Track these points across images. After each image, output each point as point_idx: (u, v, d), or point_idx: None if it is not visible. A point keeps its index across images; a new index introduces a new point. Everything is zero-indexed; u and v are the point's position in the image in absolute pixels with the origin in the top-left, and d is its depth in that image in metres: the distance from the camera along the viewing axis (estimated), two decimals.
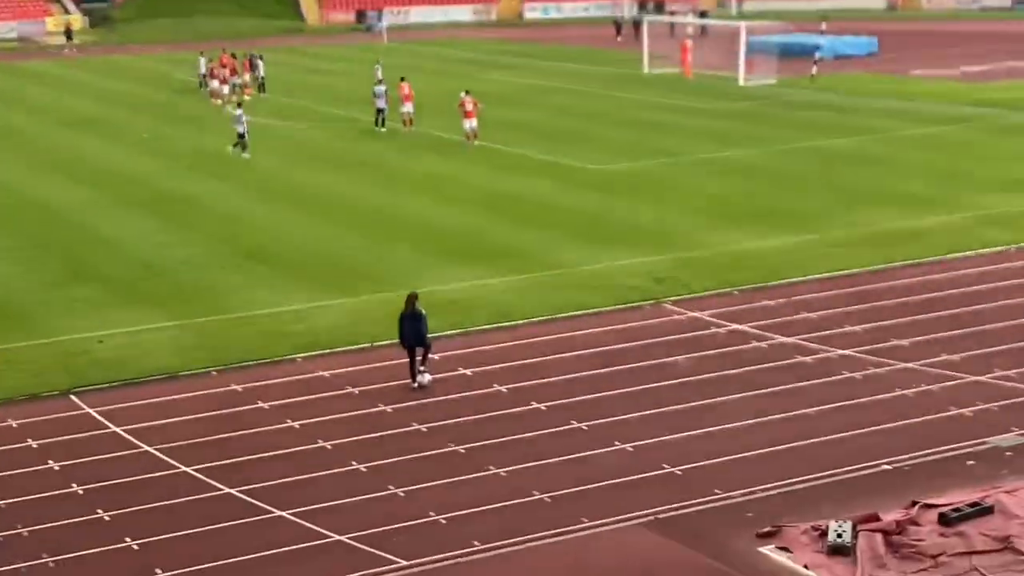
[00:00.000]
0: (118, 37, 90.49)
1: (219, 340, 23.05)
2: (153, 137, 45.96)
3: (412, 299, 20.63)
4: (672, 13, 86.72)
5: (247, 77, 57.60)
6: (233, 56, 58.59)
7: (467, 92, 43.48)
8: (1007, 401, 19.19)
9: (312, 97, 56.05)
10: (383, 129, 45.86)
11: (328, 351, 22.38)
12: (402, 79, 47.11)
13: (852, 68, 60.91)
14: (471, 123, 42.55)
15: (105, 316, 24.50)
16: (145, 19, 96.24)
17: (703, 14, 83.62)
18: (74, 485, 17.10)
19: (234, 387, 20.75)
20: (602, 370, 21.06)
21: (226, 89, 55.21)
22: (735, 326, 23.18)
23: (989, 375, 20.27)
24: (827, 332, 22.64)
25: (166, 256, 28.91)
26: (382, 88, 46.65)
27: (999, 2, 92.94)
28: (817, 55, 58.59)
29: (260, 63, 58.06)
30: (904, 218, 30.64)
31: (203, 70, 58.88)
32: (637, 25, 72.40)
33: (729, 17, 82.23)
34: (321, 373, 21.28)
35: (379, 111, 46.29)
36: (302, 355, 22.20)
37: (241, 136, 41.54)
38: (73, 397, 20.44)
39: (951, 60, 63.20)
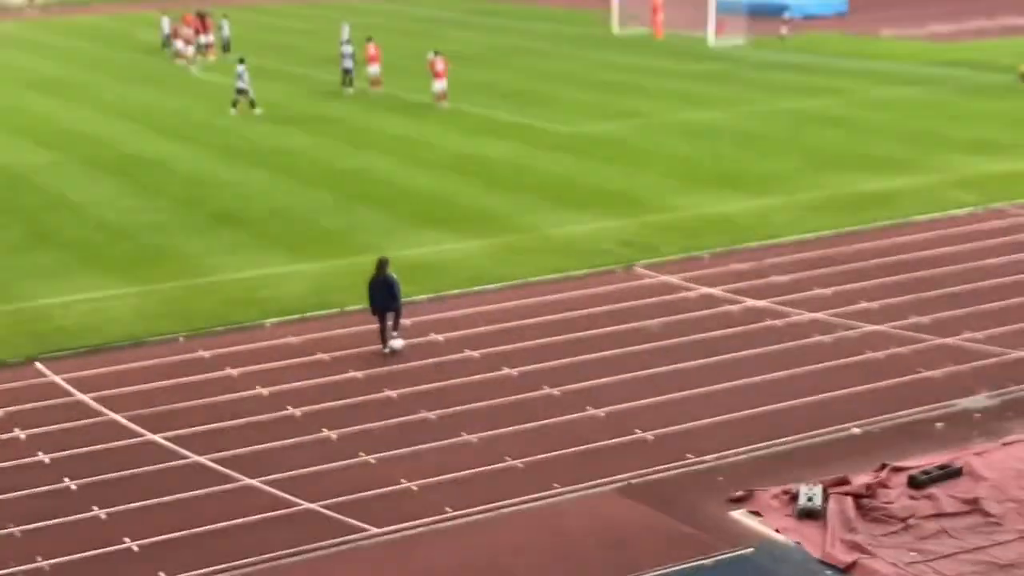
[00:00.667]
0: None
1: (186, 306, 22.86)
2: (118, 98, 45.40)
3: (382, 264, 20.51)
4: None
5: (211, 37, 56.94)
6: (199, 16, 57.86)
7: (436, 52, 43.09)
8: (976, 363, 19.30)
9: (278, 57, 55.50)
10: (351, 90, 45.49)
11: (297, 316, 22.24)
12: (368, 39, 46.67)
13: (821, 28, 60.84)
14: (441, 84, 42.20)
15: (70, 281, 24.26)
16: None
17: None
18: (40, 454, 16.94)
19: (201, 353, 20.58)
20: (574, 335, 21.03)
21: (190, 49, 54.59)
22: (706, 289, 23.18)
23: (958, 337, 20.37)
24: (797, 295, 22.68)
25: (132, 220, 28.62)
26: (349, 48, 46.23)
27: None
28: (786, 15, 58.50)
29: (225, 23, 57.41)
30: (873, 180, 30.70)
31: (167, 30, 58.20)
32: None
33: None
34: (290, 339, 21.14)
35: (346, 72, 45.89)
36: (271, 321, 22.05)
37: (242, 91, 41.26)
38: (38, 364, 20.22)
39: (920, 20, 63.26)
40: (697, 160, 33.60)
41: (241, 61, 42.23)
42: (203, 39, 56.29)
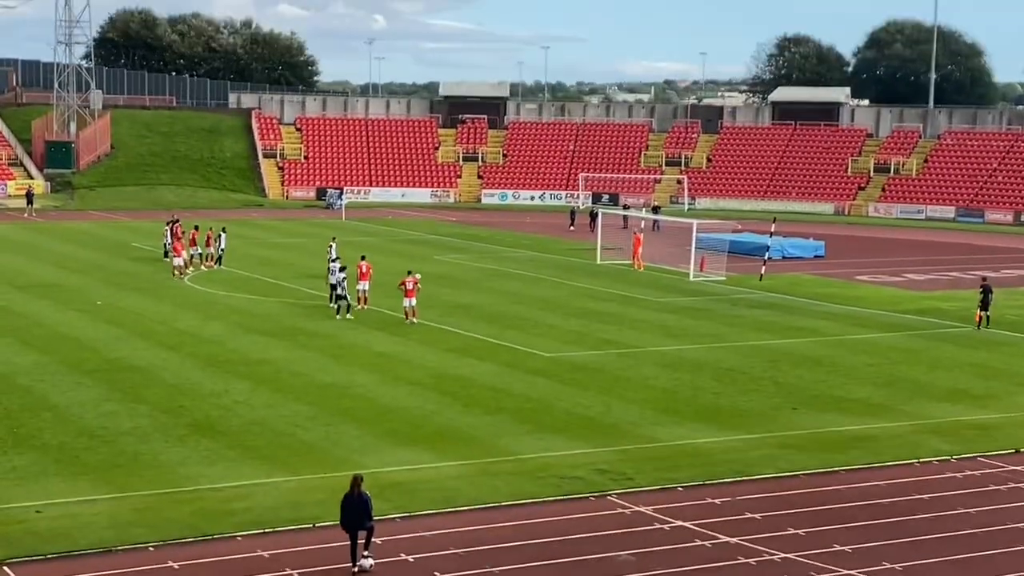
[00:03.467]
0: (79, 203, 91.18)
1: (159, 515, 22.77)
2: (108, 304, 45.98)
3: (357, 481, 20.64)
4: (626, 207, 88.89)
5: (211, 250, 58.13)
6: (195, 229, 59.36)
7: (410, 272, 44.36)
8: None
9: (268, 270, 56.48)
10: (337, 305, 46.17)
11: (269, 530, 22.16)
12: (362, 257, 47.77)
13: (799, 269, 62.39)
14: (410, 301, 43.37)
15: (44, 485, 24.20)
16: (107, 187, 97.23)
17: (656, 209, 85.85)
18: None
19: (171, 564, 20.42)
20: (544, 562, 20.95)
21: (182, 259, 55.57)
22: (679, 523, 23.21)
23: None
24: (770, 534, 22.70)
25: (111, 426, 28.67)
26: (337, 265, 47.23)
27: (942, 213, 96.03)
28: (766, 255, 60.05)
29: (223, 236, 58.73)
30: (848, 423, 31.00)
31: (169, 239, 59.46)
32: (593, 217, 74.02)
33: (681, 213, 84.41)
34: (261, 553, 21.01)
35: (333, 287, 46.71)
36: (242, 533, 21.95)
37: (342, 297, 43.92)
38: (7, 569, 20.01)
39: (895, 267, 64.93)
40: (674, 392, 34.01)
41: (342, 269, 45.09)
42: (198, 250, 57.38)
